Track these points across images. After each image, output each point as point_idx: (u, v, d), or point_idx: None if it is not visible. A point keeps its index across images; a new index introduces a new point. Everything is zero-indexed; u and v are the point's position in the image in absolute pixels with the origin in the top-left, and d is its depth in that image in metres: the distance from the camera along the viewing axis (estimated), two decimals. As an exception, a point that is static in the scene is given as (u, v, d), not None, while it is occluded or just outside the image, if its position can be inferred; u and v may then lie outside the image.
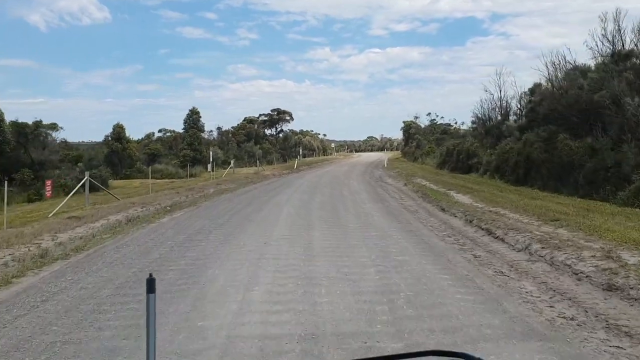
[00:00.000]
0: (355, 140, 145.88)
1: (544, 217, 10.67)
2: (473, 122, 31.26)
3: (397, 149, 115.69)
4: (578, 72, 18.62)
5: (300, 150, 64.90)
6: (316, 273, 6.81)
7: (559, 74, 19.56)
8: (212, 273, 7.00)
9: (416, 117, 63.97)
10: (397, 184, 24.50)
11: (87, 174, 16.81)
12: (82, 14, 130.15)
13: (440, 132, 51.86)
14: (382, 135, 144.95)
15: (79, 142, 57.71)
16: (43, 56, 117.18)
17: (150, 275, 1.66)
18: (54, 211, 15.33)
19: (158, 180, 34.28)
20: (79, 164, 30.79)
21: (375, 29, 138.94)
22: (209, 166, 29.78)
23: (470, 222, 11.29)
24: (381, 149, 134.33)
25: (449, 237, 9.82)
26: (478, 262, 7.51)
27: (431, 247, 8.77)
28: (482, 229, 10.28)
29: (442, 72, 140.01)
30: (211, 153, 30.06)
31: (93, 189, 27.68)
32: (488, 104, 29.41)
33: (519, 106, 27.49)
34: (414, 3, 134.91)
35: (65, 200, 16.67)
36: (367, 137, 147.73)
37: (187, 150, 41.84)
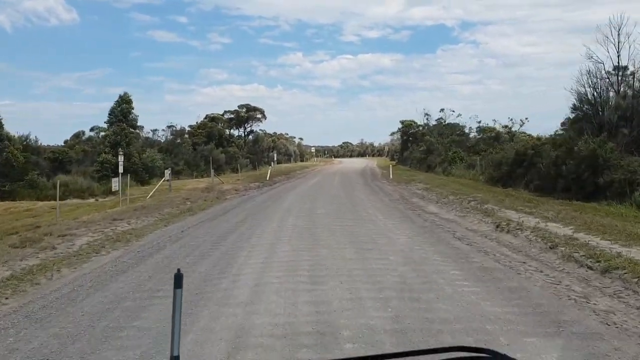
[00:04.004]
0: (330, 145, 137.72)
1: None
2: (574, 108, 18.67)
3: (381, 155, 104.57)
4: None
5: (275, 155, 52.13)
6: None
7: None
8: None
9: (427, 115, 50.05)
10: (471, 224, 12.19)
11: None
12: (50, 14, 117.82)
13: (456, 133, 40.08)
14: (363, 139, 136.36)
15: None
16: (9, 57, 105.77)
17: (178, 270, 1.58)
18: None
19: (41, 204, 21.19)
20: None
21: (347, 34, 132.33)
22: (115, 182, 16.78)
23: None
24: (361, 154, 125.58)
25: None
26: None
27: None
28: None
29: (413, 80, 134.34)
30: (121, 158, 16.99)
31: None
32: (596, 79, 17.42)
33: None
34: (387, 10, 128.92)
35: None
36: (343, 143, 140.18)
37: (108, 155, 28.15)
